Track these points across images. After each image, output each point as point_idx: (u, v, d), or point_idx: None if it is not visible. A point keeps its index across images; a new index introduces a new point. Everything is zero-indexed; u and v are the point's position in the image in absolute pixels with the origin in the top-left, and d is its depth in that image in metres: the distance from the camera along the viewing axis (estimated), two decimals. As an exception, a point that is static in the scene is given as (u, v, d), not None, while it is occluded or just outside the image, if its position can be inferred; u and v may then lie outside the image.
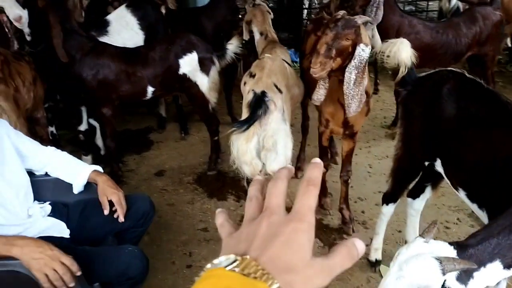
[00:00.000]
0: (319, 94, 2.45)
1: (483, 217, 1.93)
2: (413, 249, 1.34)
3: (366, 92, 2.65)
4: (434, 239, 2.97)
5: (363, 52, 2.21)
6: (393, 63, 2.22)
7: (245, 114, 2.64)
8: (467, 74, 2.08)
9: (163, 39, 3.72)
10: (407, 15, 3.87)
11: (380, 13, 3.66)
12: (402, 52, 2.14)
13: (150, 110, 4.85)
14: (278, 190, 0.56)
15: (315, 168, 0.56)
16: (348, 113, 2.42)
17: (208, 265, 0.49)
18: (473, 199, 1.95)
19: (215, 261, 0.48)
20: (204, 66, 3.46)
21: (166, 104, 4.68)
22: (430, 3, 7.02)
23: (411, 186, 2.50)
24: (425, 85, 2.18)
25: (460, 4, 5.01)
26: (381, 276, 2.70)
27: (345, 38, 2.17)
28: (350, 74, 2.25)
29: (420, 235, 1.41)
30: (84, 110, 3.67)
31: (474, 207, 1.97)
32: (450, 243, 1.38)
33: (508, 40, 5.78)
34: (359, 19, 2.19)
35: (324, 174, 3.17)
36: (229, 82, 4.42)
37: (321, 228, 3.08)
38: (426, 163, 2.20)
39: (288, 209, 0.54)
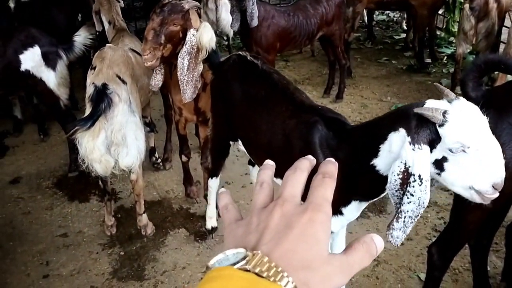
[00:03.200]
0: (156, 79, 2.39)
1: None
2: None
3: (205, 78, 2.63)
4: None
5: (193, 37, 2.18)
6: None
7: (88, 110, 2.50)
8: (248, 57, 2.08)
9: (-3, 34, 3.36)
10: (259, 1, 3.91)
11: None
12: (204, 36, 2.14)
13: (4, 113, 4.42)
14: (295, 179, 0.52)
15: (330, 163, 0.53)
16: (183, 99, 2.39)
17: (212, 261, 0.42)
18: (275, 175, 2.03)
19: (220, 256, 0.42)
20: (49, 60, 3.21)
21: (24, 104, 4.29)
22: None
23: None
24: (222, 69, 2.20)
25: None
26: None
27: (172, 23, 2.12)
28: (183, 60, 2.21)
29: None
30: None
31: (278, 181, 2.04)
32: None
33: (365, 17, 6.19)
34: (187, 4, 2.14)
35: (187, 163, 3.13)
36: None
37: (188, 217, 3.05)
38: (233, 143, 2.30)
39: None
